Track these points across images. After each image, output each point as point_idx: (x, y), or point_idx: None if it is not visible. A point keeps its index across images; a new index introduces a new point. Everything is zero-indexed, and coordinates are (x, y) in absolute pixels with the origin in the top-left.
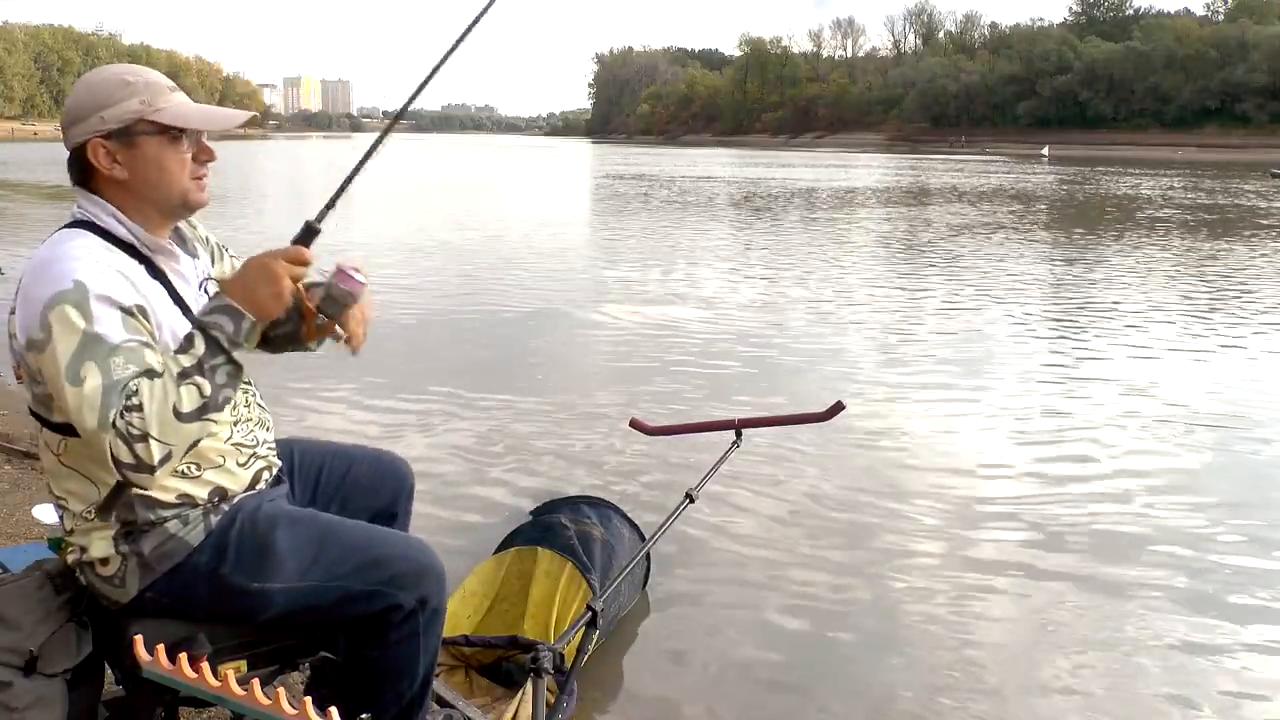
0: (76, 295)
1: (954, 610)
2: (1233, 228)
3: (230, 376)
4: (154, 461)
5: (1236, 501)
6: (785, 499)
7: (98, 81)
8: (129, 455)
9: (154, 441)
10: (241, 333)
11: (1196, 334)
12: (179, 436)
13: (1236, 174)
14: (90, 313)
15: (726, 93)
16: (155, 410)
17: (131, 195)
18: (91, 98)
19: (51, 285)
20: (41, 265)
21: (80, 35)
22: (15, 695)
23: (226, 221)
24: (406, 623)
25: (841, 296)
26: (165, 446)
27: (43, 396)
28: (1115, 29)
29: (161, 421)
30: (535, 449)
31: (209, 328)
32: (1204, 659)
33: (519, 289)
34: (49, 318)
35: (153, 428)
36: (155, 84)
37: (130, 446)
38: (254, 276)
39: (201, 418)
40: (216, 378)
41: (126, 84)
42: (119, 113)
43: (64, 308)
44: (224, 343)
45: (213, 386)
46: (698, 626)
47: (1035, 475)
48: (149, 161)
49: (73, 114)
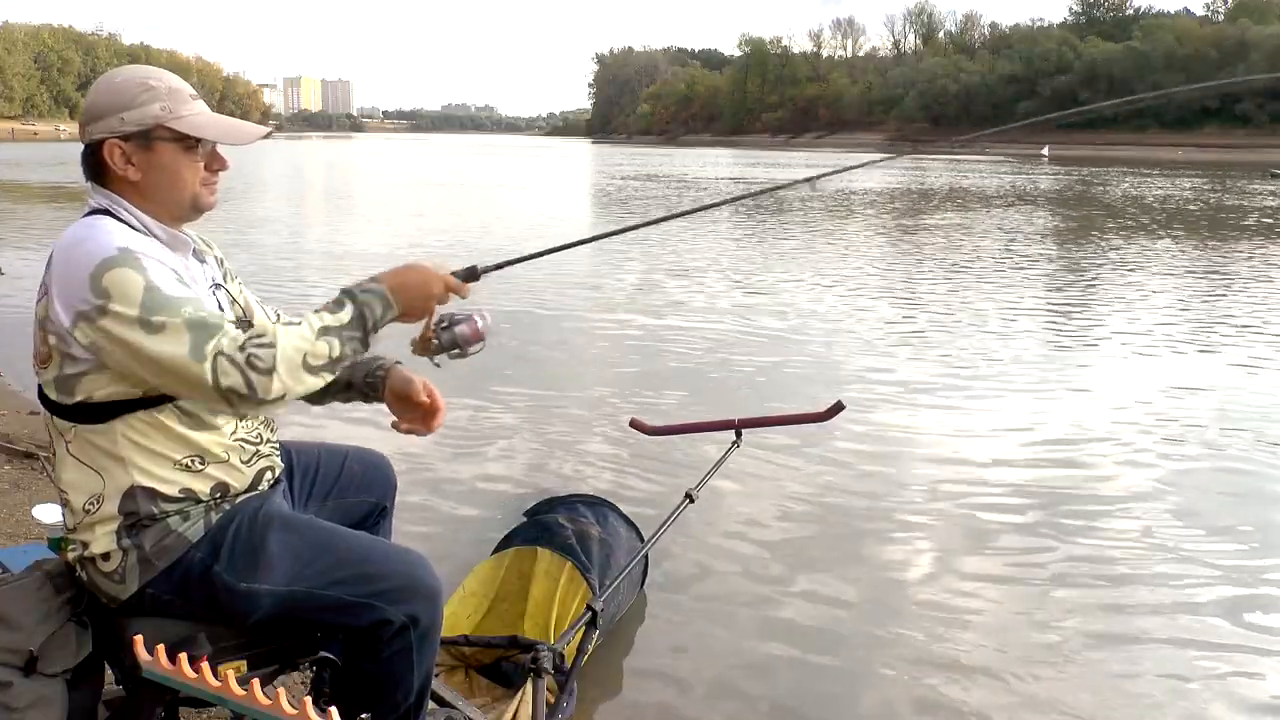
0: (126, 259)
1: (954, 610)
2: (1233, 228)
3: (355, 353)
4: (268, 396)
5: (1237, 503)
6: (785, 499)
7: (120, 82)
8: (242, 384)
9: (276, 378)
10: (384, 320)
11: (1197, 335)
12: (299, 383)
13: (1236, 174)
14: (146, 271)
15: (726, 93)
16: (287, 352)
17: (142, 196)
18: (113, 98)
19: (94, 256)
20: (74, 244)
21: (80, 35)
22: (15, 695)
23: (223, 223)
24: (398, 638)
25: (841, 296)
26: (283, 387)
27: (70, 377)
28: (1115, 29)
29: (290, 364)
30: (535, 449)
31: (362, 304)
32: (1204, 661)
33: (519, 288)
34: (103, 283)
35: (280, 366)
36: (178, 91)
37: (246, 375)
38: (415, 280)
39: (320, 374)
40: (347, 348)
41: (150, 88)
42: (139, 116)
43: (118, 270)
44: (368, 320)
45: (340, 354)
46: (698, 626)
47: (1035, 475)
48: (163, 167)
49: (93, 111)
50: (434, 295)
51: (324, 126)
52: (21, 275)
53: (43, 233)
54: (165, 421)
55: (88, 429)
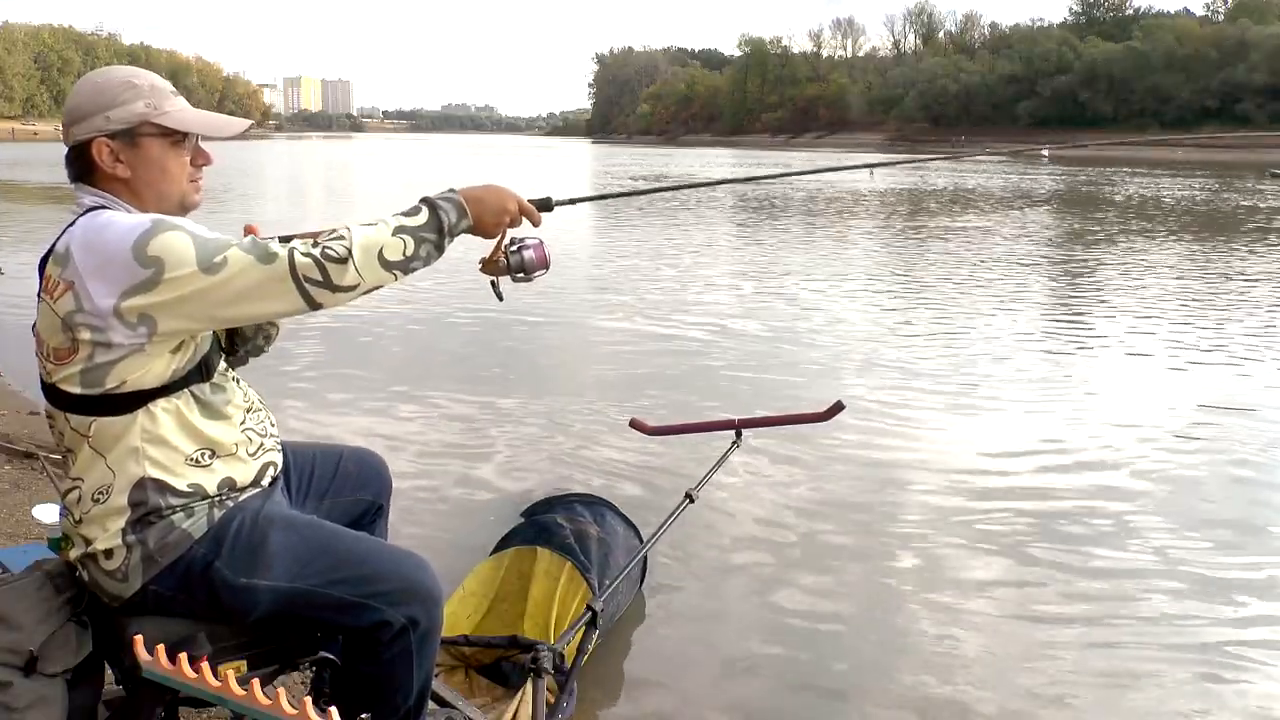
0: (162, 226)
1: (954, 611)
2: (1233, 227)
3: (428, 256)
4: (343, 283)
5: (1238, 504)
6: (785, 499)
7: (103, 82)
8: (318, 272)
9: (352, 267)
10: (458, 227)
11: (1198, 336)
12: (372, 274)
13: (1237, 174)
14: (184, 228)
15: (726, 93)
16: (363, 243)
17: (132, 194)
18: (97, 97)
19: (129, 234)
20: (95, 233)
21: (80, 35)
22: (15, 695)
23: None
24: (397, 641)
25: (841, 296)
26: (358, 277)
27: (101, 366)
28: (1115, 29)
29: (366, 253)
30: (535, 449)
31: (438, 208)
32: (1203, 667)
33: (519, 288)
34: (149, 253)
35: (356, 254)
36: (159, 87)
37: (321, 263)
38: (493, 197)
39: (393, 270)
40: (420, 250)
41: (132, 85)
42: (124, 114)
43: (160, 237)
44: (444, 224)
45: (414, 252)
46: (698, 626)
47: (1035, 476)
48: (151, 163)
49: (77, 112)
50: (509, 212)
51: (324, 126)
52: (22, 275)
53: (43, 233)
54: (182, 410)
55: (106, 420)
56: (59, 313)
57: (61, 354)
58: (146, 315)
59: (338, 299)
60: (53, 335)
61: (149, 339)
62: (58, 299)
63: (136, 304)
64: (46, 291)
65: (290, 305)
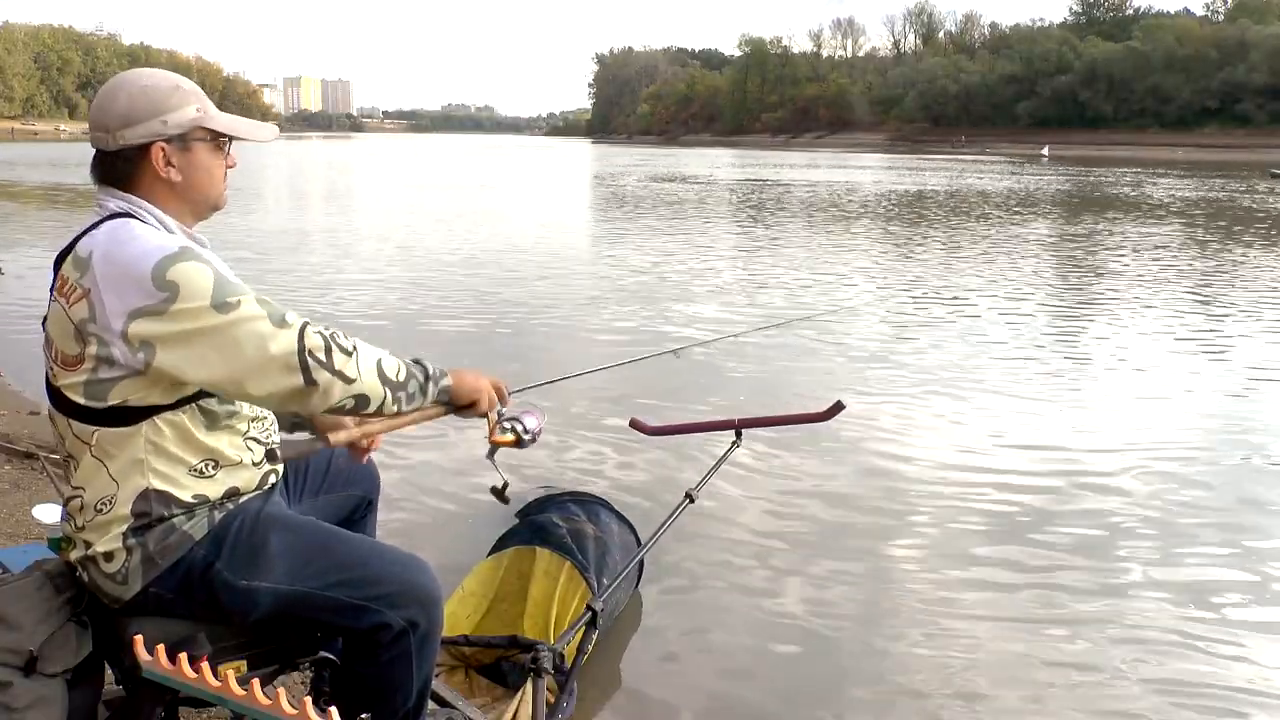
0: (188, 255)
1: (953, 611)
2: (1233, 227)
3: (413, 394)
4: (344, 371)
5: (1238, 506)
6: (785, 499)
7: (151, 86)
8: (323, 353)
9: (355, 361)
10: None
11: (1198, 336)
12: (370, 379)
13: (1237, 174)
14: (210, 264)
15: (726, 93)
16: (366, 350)
17: (178, 197)
18: (149, 102)
19: (152, 255)
20: (117, 246)
21: (80, 35)
22: (15, 695)
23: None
24: (397, 643)
25: (841, 297)
26: (357, 372)
27: (103, 382)
28: (1115, 29)
29: (368, 359)
30: (534, 448)
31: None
32: (1203, 665)
33: (519, 287)
34: (168, 277)
35: (361, 352)
36: (200, 92)
37: (329, 348)
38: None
39: (385, 385)
40: (409, 384)
41: (180, 90)
42: (180, 118)
43: (181, 265)
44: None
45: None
46: (698, 626)
47: (1035, 476)
48: (200, 166)
49: (129, 116)
50: (481, 388)
51: (324, 126)
52: (22, 275)
53: (43, 233)
54: (187, 423)
55: (111, 432)
56: (73, 319)
57: (69, 361)
58: (148, 343)
59: (332, 385)
60: (63, 339)
61: (146, 367)
62: (73, 304)
63: (141, 329)
64: (61, 293)
65: (285, 380)
